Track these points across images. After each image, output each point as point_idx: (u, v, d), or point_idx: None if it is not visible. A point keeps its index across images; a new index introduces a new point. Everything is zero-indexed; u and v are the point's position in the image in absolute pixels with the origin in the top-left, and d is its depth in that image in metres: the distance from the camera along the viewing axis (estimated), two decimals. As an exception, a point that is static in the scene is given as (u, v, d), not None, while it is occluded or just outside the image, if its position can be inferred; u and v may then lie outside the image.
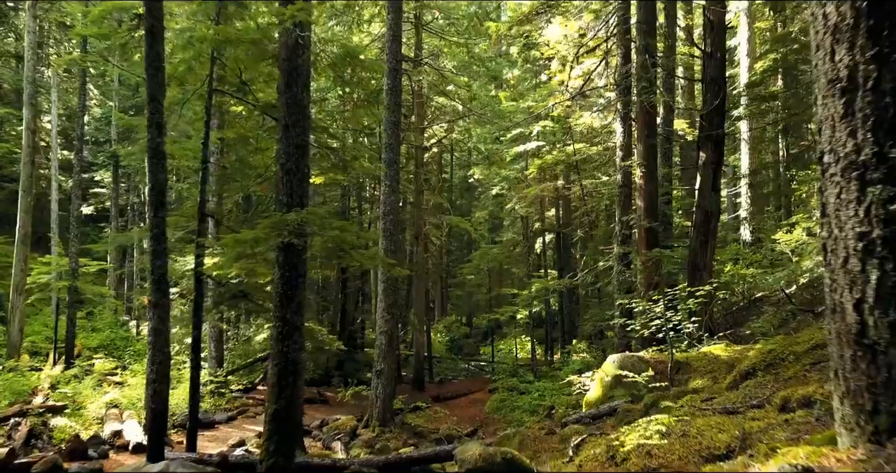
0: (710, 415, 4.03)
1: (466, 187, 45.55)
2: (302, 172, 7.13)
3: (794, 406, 3.50)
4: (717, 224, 12.53)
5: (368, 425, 14.32)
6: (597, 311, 17.37)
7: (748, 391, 4.87)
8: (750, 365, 5.68)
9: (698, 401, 5.05)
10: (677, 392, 6.91)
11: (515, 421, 16.09)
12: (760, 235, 23.65)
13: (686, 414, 4.43)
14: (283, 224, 6.64)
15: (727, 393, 5.25)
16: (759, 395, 4.61)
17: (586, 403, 9.01)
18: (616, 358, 8.80)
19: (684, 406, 4.93)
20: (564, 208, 26.01)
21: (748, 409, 4.06)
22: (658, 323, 8.82)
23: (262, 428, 6.87)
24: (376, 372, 14.37)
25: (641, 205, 12.84)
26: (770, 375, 5.30)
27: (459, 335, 34.33)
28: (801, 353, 5.29)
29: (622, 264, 13.12)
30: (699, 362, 8.25)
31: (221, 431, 13.60)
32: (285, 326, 6.86)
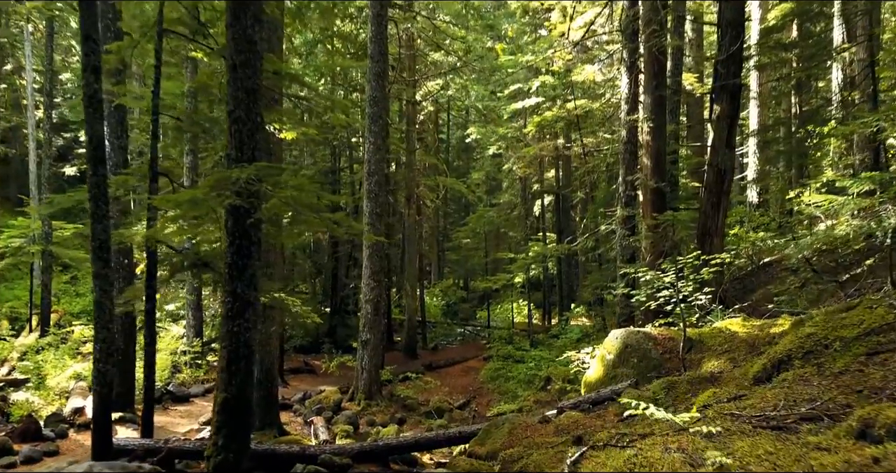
0: (749, 431, 3.07)
1: (464, 148, 44.23)
2: (253, 122, 6.04)
3: (881, 435, 2.53)
4: (730, 184, 11.46)
5: (354, 398, 13.54)
6: (597, 277, 16.43)
7: (788, 389, 3.90)
8: (783, 350, 4.70)
9: (724, 398, 4.09)
10: (691, 377, 5.96)
11: (510, 393, 15.31)
12: (767, 197, 22.62)
13: (713, 422, 3.47)
14: (226, 182, 5.59)
15: (759, 389, 4.28)
16: (805, 396, 3.64)
17: (585, 384, 8.10)
18: (619, 334, 7.85)
19: (709, 407, 3.97)
20: (564, 169, 24.86)
21: (799, 422, 3.10)
22: (666, 295, 7.85)
23: (211, 418, 5.93)
24: (362, 343, 13.50)
25: (648, 163, 11.74)
26: (811, 366, 4.33)
27: (456, 299, 33.55)
28: (850, 340, 4.31)
29: (626, 228, 12.09)
30: (713, 340, 7.30)
31: (196, 405, 12.78)
32: (236, 302, 5.88)
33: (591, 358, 8.85)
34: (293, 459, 7.36)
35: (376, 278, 13.47)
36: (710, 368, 6.45)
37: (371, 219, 13.40)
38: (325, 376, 15.92)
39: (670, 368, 7.16)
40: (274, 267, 10.54)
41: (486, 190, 34.03)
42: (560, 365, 15.39)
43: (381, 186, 13.57)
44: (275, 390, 10.63)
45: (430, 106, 29.11)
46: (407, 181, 20.96)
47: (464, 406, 14.81)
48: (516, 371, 16.28)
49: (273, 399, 10.64)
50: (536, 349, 18.46)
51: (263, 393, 10.47)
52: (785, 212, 21.58)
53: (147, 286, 8.09)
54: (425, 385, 15.36)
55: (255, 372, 10.31)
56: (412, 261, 21.16)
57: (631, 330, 7.80)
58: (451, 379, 17.92)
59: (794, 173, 21.84)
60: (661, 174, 11.68)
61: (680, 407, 5.00)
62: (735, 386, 4.89)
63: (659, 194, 11.63)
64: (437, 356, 21.16)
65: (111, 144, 11.29)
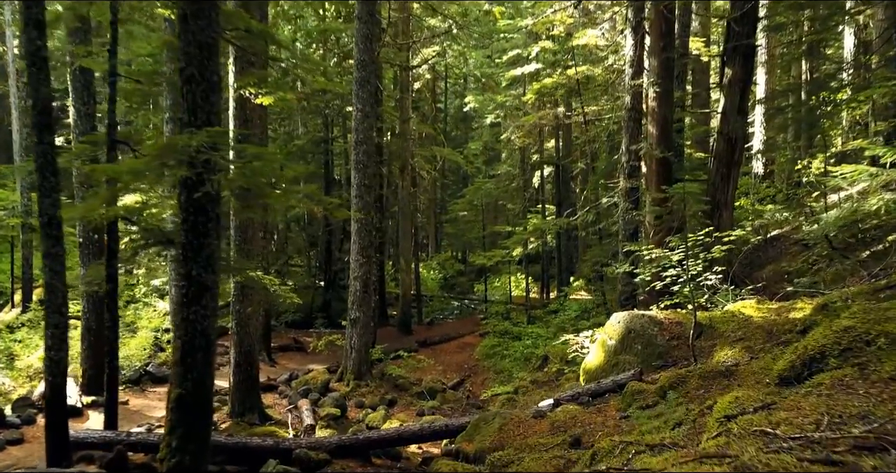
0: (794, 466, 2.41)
1: (462, 117, 43.22)
2: (209, 81, 5.28)
3: None
4: (742, 154, 10.73)
5: (343, 378, 12.98)
6: (598, 251, 15.76)
7: (829, 398, 3.24)
8: (816, 346, 4.03)
9: (749, 407, 3.43)
10: (703, 370, 5.31)
11: (505, 371, 14.77)
12: (773, 168, 21.81)
13: (742, 446, 2.81)
14: (174, 150, 4.86)
15: (790, 394, 3.61)
16: (852, 409, 2.99)
17: (585, 371, 7.48)
18: (622, 318, 7.20)
19: (732, 419, 3.30)
20: (564, 138, 24.01)
21: (855, 451, 2.45)
22: (673, 274, 7.19)
23: (165, 417, 5.30)
24: (351, 321, 12.89)
25: (653, 131, 10.97)
26: (851, 368, 3.66)
27: (453, 272, 32.97)
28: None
29: (629, 201, 11.37)
30: (726, 325, 6.65)
31: (177, 387, 12.21)
32: (191, 286, 5.20)
33: (590, 343, 8.22)
34: (266, 453, 6.77)
35: (365, 253, 12.79)
36: (724, 358, 5.81)
37: (359, 191, 12.66)
38: (316, 354, 15.36)
39: (678, 356, 6.52)
40: (252, 243, 9.85)
41: (485, 160, 33.17)
42: (558, 344, 14.84)
43: (371, 156, 12.79)
44: (255, 372, 10.03)
45: (428, 73, 28.12)
46: (400, 151, 20.14)
47: (458, 385, 14.28)
48: (513, 348, 15.72)
49: (254, 382, 10.05)
50: (534, 325, 17.90)
51: (243, 377, 9.88)
52: (793, 183, 20.82)
53: (107, 266, 7.41)
54: (418, 363, 14.81)
55: (233, 355, 9.73)
56: (407, 235, 20.47)
57: (635, 313, 7.14)
58: (446, 356, 17.38)
59: (803, 143, 20.99)
60: (668, 143, 10.92)
61: (693, 410, 4.35)
62: (758, 387, 4.24)
63: (665, 164, 10.89)
64: (432, 331, 20.61)
65: (77, 111, 10.51)
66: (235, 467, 7.02)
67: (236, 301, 9.83)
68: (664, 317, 7.00)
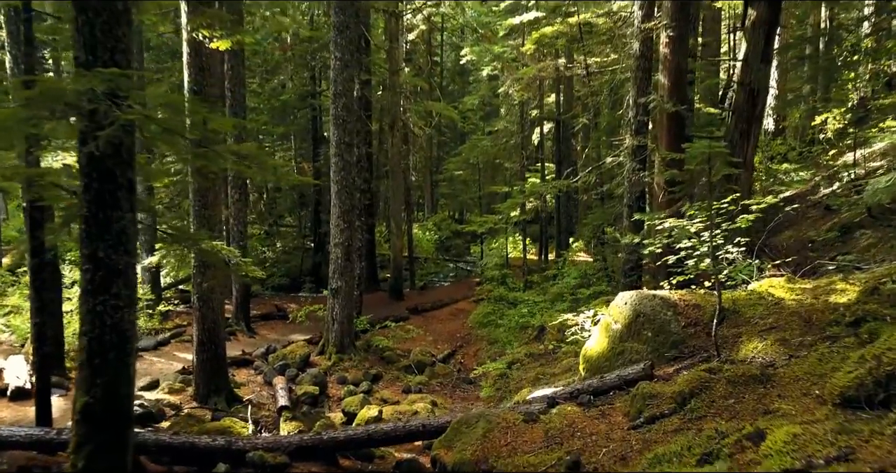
0: None
1: (459, 71, 41.55)
2: (111, 11, 4.14)
3: None
4: (764, 107, 9.56)
5: (324, 351, 12.10)
6: (599, 215, 14.70)
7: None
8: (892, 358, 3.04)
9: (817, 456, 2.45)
10: (732, 374, 4.33)
11: (500, 342, 13.88)
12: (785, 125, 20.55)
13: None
14: (54, 98, 3.76)
15: (863, 428, 2.62)
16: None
17: (585, 358, 6.51)
18: (629, 299, 6.19)
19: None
20: (566, 93, 22.66)
21: None
22: (688, 246, 6.14)
23: (71, 430, 4.33)
24: (332, 291, 11.93)
25: (665, 81, 9.76)
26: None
27: (449, 233, 31.93)
28: None
29: (636, 161, 10.24)
30: (752, 309, 5.65)
31: (144, 361, 11.34)
32: (98, 270, 4.17)
33: (592, 325, 7.24)
34: (217, 454, 5.86)
35: (347, 218, 11.74)
36: (754, 353, 4.82)
37: (339, 149, 11.53)
38: (299, 324, 14.44)
39: (695, 347, 5.54)
40: (213, 209, 8.78)
41: (482, 116, 31.77)
42: (556, 311, 13.92)
43: (351, 110, 11.60)
44: (221, 351, 9.11)
45: (423, 24, 26.51)
46: (390, 106, 18.85)
47: (448, 357, 13.42)
48: (508, 316, 14.82)
49: (220, 361, 9.13)
50: (531, 290, 16.99)
51: (208, 356, 8.96)
52: (807, 140, 19.59)
53: (31, 237, 6.36)
54: (406, 334, 13.92)
55: (196, 333, 8.79)
56: (397, 196, 19.36)
57: (644, 293, 6.13)
58: (438, 324, 16.52)
59: (820, 96, 19.65)
60: (682, 95, 9.73)
61: (727, 435, 3.37)
62: (812, 408, 3.25)
63: (678, 120, 9.73)
64: (424, 297, 19.72)
65: (13, 58, 9.30)
66: (184, 467, 6.14)
67: (197, 273, 8.84)
68: (679, 299, 5.99)
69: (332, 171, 11.64)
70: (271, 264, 23.51)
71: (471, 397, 10.90)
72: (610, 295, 11.62)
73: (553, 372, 10.41)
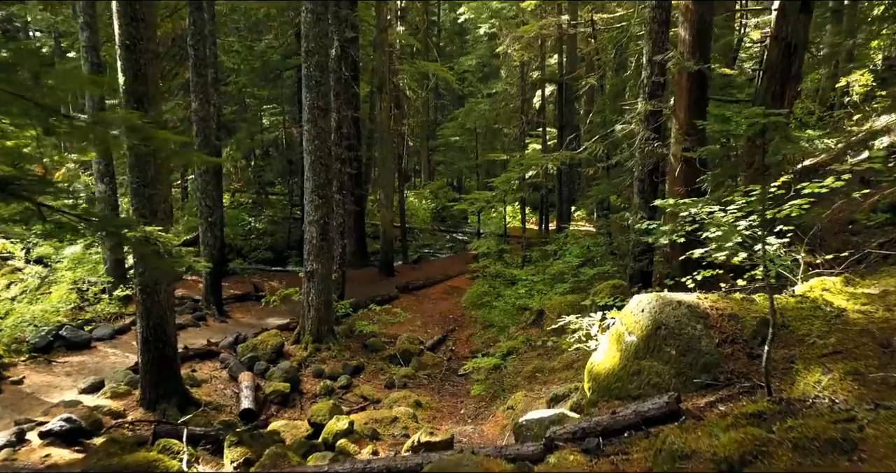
0: None
1: (458, 31, 39.65)
2: None
3: None
4: (801, 65, 8.16)
5: (300, 340, 10.97)
6: (605, 186, 13.39)
7: None
8: None
9: None
10: (799, 433, 3.11)
11: (495, 326, 12.74)
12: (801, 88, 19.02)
13: None
14: None
15: None
16: None
17: (592, 375, 5.31)
18: (647, 305, 4.96)
19: None
20: (569, 53, 21.06)
21: None
22: (716, 235, 4.90)
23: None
24: (307, 274, 10.73)
25: (686, 36, 8.34)
26: None
27: (446, 201, 30.56)
28: None
29: (649, 128, 8.89)
30: (805, 323, 4.43)
31: (97, 354, 10.20)
32: None
33: (599, 331, 6.02)
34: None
35: (322, 193, 10.45)
36: (818, 392, 3.61)
37: (312, 114, 10.17)
38: (275, 307, 13.25)
39: (733, 372, 4.33)
40: (157, 186, 7.48)
41: (480, 78, 30.12)
42: (555, 293, 12.74)
43: (325, 70, 10.19)
44: (170, 350, 7.93)
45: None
46: (378, 66, 17.34)
47: (438, 344, 12.31)
48: (505, 296, 13.64)
49: (170, 362, 7.96)
50: (531, 265, 15.80)
51: (154, 356, 7.79)
52: (827, 104, 18.14)
53: None
54: (393, 318, 12.76)
55: (140, 330, 7.61)
56: (387, 164, 18.00)
57: (667, 299, 4.89)
58: (429, 304, 15.38)
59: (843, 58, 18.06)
60: (705, 52, 8.33)
61: None
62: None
63: (700, 80, 8.35)
64: (417, 273, 18.55)
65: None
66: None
67: (139, 261, 7.60)
68: (710, 306, 4.75)
69: (305, 140, 10.31)
70: (257, 236, 22.30)
71: (461, 393, 9.79)
72: (617, 281, 10.42)
73: (552, 366, 9.27)
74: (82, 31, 12.08)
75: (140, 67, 7.23)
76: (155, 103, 7.40)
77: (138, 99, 7.26)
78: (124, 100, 7.31)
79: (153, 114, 7.38)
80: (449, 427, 8.08)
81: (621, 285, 9.91)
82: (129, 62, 7.20)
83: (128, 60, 7.20)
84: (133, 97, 7.26)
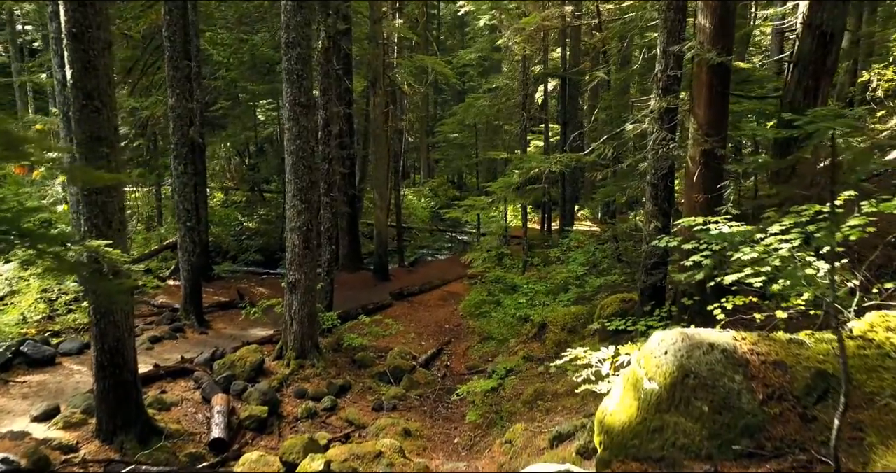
0: None
1: (458, 24, 38.75)
2: None
3: None
4: (837, 57, 7.29)
5: (282, 356, 10.15)
6: (610, 187, 12.51)
7: None
8: None
9: None
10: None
11: (494, 338, 11.88)
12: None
13: None
14: None
15: None
16: None
17: (604, 427, 4.45)
18: (670, 345, 4.10)
19: None
20: (573, 46, 20.18)
21: None
22: (752, 257, 4.10)
23: None
24: (289, 286, 9.91)
25: (707, 24, 7.45)
26: None
27: (447, 199, 29.65)
28: None
29: (664, 128, 8.01)
30: (874, 376, 3.58)
31: (61, 371, 9.38)
32: None
33: (611, 370, 5.16)
34: None
35: (305, 197, 9.61)
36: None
37: (294, 111, 9.32)
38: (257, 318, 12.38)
39: (784, 440, 3.48)
40: (111, 193, 6.62)
41: (480, 72, 29.19)
42: (559, 303, 11.90)
43: (307, 62, 9.33)
44: (129, 375, 7.11)
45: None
46: (372, 60, 16.46)
47: (433, 358, 11.49)
48: (505, 305, 12.79)
49: (129, 387, 7.14)
50: (531, 271, 14.95)
51: (111, 383, 6.98)
52: (846, 100, 17.22)
53: None
54: (384, 330, 11.93)
55: (94, 354, 6.79)
56: (381, 163, 17.14)
57: (695, 339, 4.03)
58: (425, 312, 14.55)
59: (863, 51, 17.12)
60: (728, 42, 7.45)
61: None
62: None
63: (721, 74, 7.46)
64: (413, 277, 17.72)
65: None
66: None
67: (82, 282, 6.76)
68: (749, 350, 3.90)
69: (286, 140, 9.47)
70: (248, 236, 21.50)
71: (455, 417, 8.96)
72: (626, 294, 9.56)
73: (556, 390, 8.46)
74: (51, 22, 11.23)
75: (90, 58, 6.38)
76: (108, 99, 6.54)
77: (88, 94, 6.42)
78: (73, 96, 6.47)
79: (106, 111, 6.54)
80: (440, 462, 7.26)
81: (631, 299, 9.05)
82: (77, 52, 6.36)
83: (75, 51, 6.36)
84: (82, 92, 6.42)
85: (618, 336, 7.90)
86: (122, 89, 16.12)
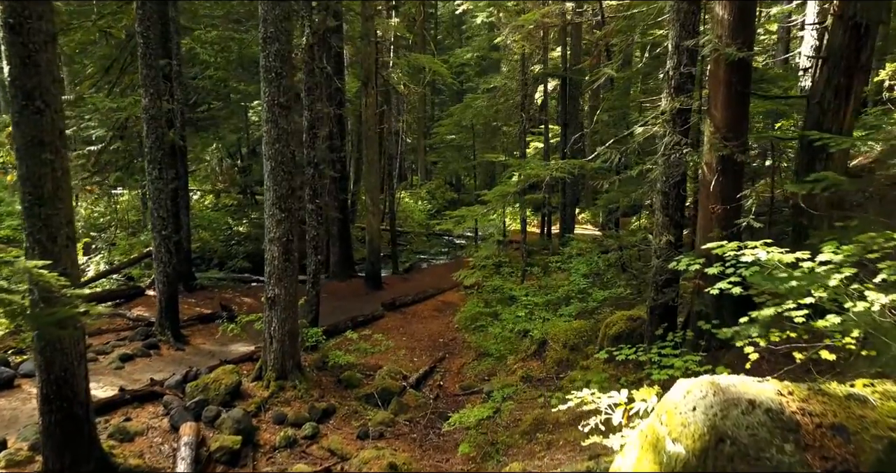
0: None
1: (456, 23, 38.06)
2: None
3: None
4: (872, 52, 6.54)
5: (261, 377, 9.39)
6: (615, 195, 11.77)
7: None
8: None
9: None
10: None
11: (491, 355, 11.11)
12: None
13: None
14: None
15: None
16: None
17: (615, 495, 3.70)
18: (698, 398, 3.34)
19: None
20: (573, 44, 19.44)
21: None
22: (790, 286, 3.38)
23: None
24: (269, 301, 9.16)
25: (724, 15, 6.71)
26: None
27: (444, 202, 28.90)
28: None
29: (677, 131, 7.25)
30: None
31: (19, 395, 8.61)
32: None
33: (624, 421, 4.40)
34: None
35: (284, 205, 8.86)
36: None
37: (272, 112, 8.57)
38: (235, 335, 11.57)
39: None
40: (57, 203, 5.87)
41: (478, 71, 28.44)
42: (560, 317, 11.15)
43: (286, 60, 8.58)
44: (79, 409, 6.35)
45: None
46: (364, 59, 15.71)
47: (424, 378, 10.73)
48: (503, 318, 12.04)
49: (79, 422, 6.38)
50: (531, 279, 14.20)
51: (59, 417, 6.22)
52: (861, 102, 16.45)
53: None
54: (373, 347, 11.18)
55: (39, 385, 6.04)
56: (372, 166, 16.38)
57: (730, 393, 3.27)
58: (418, 324, 13.80)
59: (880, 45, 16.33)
60: (749, 35, 6.72)
61: None
62: None
63: (740, 72, 6.73)
64: (407, 285, 16.97)
65: None
66: None
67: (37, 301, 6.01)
68: (798, 409, 3.14)
69: (264, 143, 8.71)
70: (238, 241, 20.74)
71: (447, 448, 8.19)
72: (633, 311, 8.82)
73: (557, 418, 7.69)
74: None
75: (29, 53, 5.63)
76: (51, 98, 5.79)
77: (28, 93, 5.67)
78: (11, 95, 5.72)
79: (49, 112, 5.79)
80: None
81: (639, 317, 8.31)
82: (15, 47, 5.61)
83: (13, 44, 5.61)
84: (21, 91, 5.67)
85: (626, 365, 7.14)
86: (102, 90, 15.41)
